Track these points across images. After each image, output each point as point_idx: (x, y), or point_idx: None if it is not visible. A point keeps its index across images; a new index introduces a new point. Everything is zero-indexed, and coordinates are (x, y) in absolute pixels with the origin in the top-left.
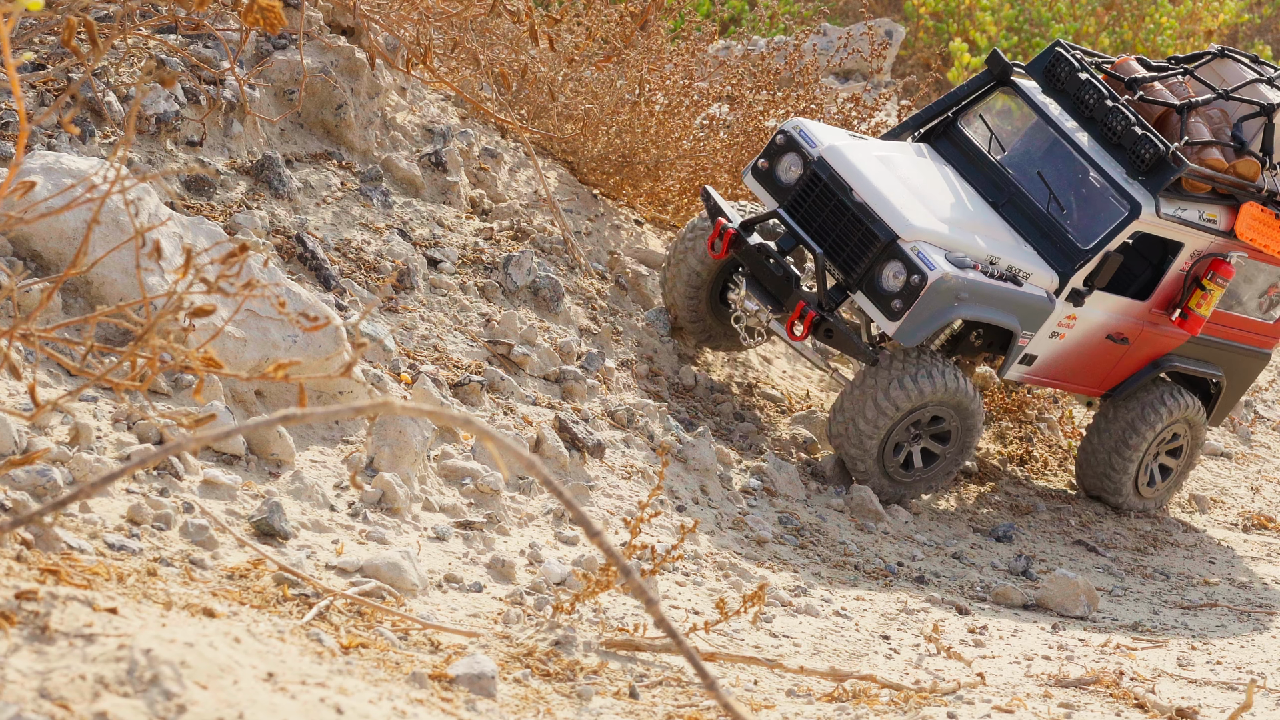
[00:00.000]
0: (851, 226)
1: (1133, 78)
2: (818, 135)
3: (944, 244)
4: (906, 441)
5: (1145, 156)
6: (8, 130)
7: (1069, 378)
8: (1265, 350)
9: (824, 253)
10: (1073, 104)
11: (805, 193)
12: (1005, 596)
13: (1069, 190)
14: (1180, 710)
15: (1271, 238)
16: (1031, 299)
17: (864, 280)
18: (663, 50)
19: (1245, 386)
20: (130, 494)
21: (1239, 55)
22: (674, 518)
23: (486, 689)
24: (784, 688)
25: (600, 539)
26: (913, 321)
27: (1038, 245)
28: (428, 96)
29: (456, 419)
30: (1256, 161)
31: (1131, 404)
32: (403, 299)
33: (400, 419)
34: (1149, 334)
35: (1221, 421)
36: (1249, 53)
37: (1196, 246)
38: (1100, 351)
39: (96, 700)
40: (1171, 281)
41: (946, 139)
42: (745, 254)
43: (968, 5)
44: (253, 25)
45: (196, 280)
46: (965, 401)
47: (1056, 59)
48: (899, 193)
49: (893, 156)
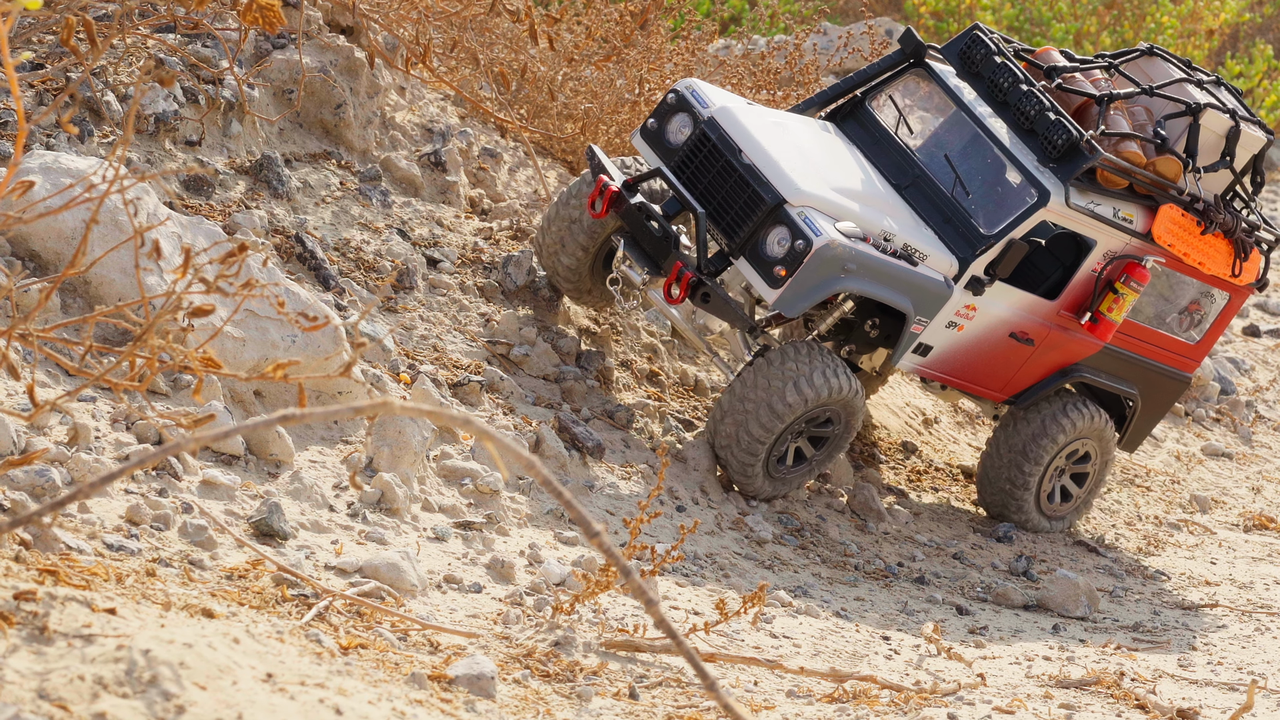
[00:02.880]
0: (737, 189)
1: (1052, 66)
2: (710, 96)
3: (834, 212)
4: (790, 438)
5: (1057, 143)
6: (6, 130)
7: (968, 376)
8: (1185, 374)
9: (707, 215)
10: (987, 88)
11: (693, 153)
12: (1006, 597)
13: (977, 175)
14: (1181, 711)
15: (1191, 245)
16: (927, 281)
17: (747, 246)
18: (663, 50)
19: (1163, 411)
20: (129, 494)
21: (1169, 56)
22: (674, 518)
23: (486, 690)
24: (784, 688)
25: (600, 539)
26: (795, 290)
27: (940, 229)
28: (427, 96)
29: (456, 419)
30: (1178, 161)
31: (1036, 414)
32: (402, 299)
33: (399, 419)
34: (1057, 337)
35: (1135, 448)
36: (1182, 56)
37: (1110, 246)
38: (1003, 350)
39: (95, 701)
40: (1082, 282)
41: (854, 119)
42: (626, 214)
43: (968, 5)
44: (252, 24)
45: (195, 280)
46: (855, 403)
47: (973, 41)
48: (790, 157)
49: (789, 124)
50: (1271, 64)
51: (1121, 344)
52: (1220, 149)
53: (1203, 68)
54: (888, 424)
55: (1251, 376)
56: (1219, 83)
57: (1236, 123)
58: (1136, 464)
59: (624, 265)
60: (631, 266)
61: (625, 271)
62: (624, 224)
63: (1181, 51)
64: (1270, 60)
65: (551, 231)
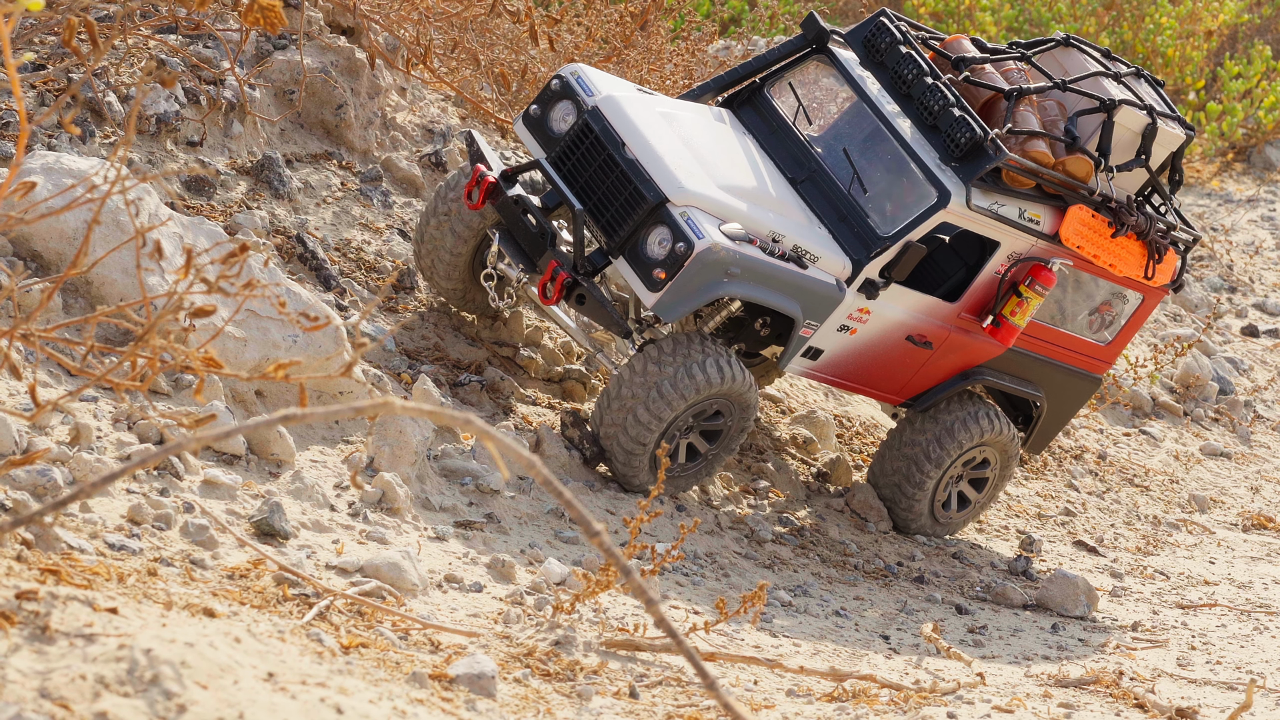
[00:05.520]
0: (619, 185)
1: (961, 57)
2: (597, 84)
3: (719, 213)
4: (679, 433)
5: (960, 141)
6: (8, 130)
7: (862, 379)
8: (1095, 375)
9: (585, 211)
10: (891, 79)
11: (574, 144)
12: (1005, 596)
13: (876, 172)
14: (1180, 710)
15: (1101, 246)
16: (817, 285)
17: (626, 245)
18: (663, 50)
19: (1071, 412)
20: (130, 494)
21: (1087, 46)
22: (674, 517)
23: (486, 689)
24: (784, 687)
25: (600, 538)
26: (674, 295)
27: (834, 228)
28: (428, 96)
29: (457, 419)
30: (1089, 161)
31: (939, 418)
32: (403, 299)
33: (400, 419)
34: (957, 340)
35: (1041, 449)
36: (1100, 45)
37: (1015, 248)
38: (899, 354)
39: (97, 700)
40: (985, 284)
41: (751, 107)
42: (501, 206)
43: (967, 5)
44: (253, 25)
45: (197, 280)
46: (748, 397)
47: (878, 29)
48: (676, 153)
49: (680, 115)
50: (1270, 65)
51: (1027, 345)
52: (1136, 147)
53: (1122, 58)
54: (887, 424)
55: (1250, 376)
56: (1139, 74)
57: (1153, 119)
58: (1136, 464)
59: (500, 261)
60: (508, 263)
61: (502, 268)
62: (500, 217)
63: (1180, 52)
64: (1269, 61)
65: (429, 227)
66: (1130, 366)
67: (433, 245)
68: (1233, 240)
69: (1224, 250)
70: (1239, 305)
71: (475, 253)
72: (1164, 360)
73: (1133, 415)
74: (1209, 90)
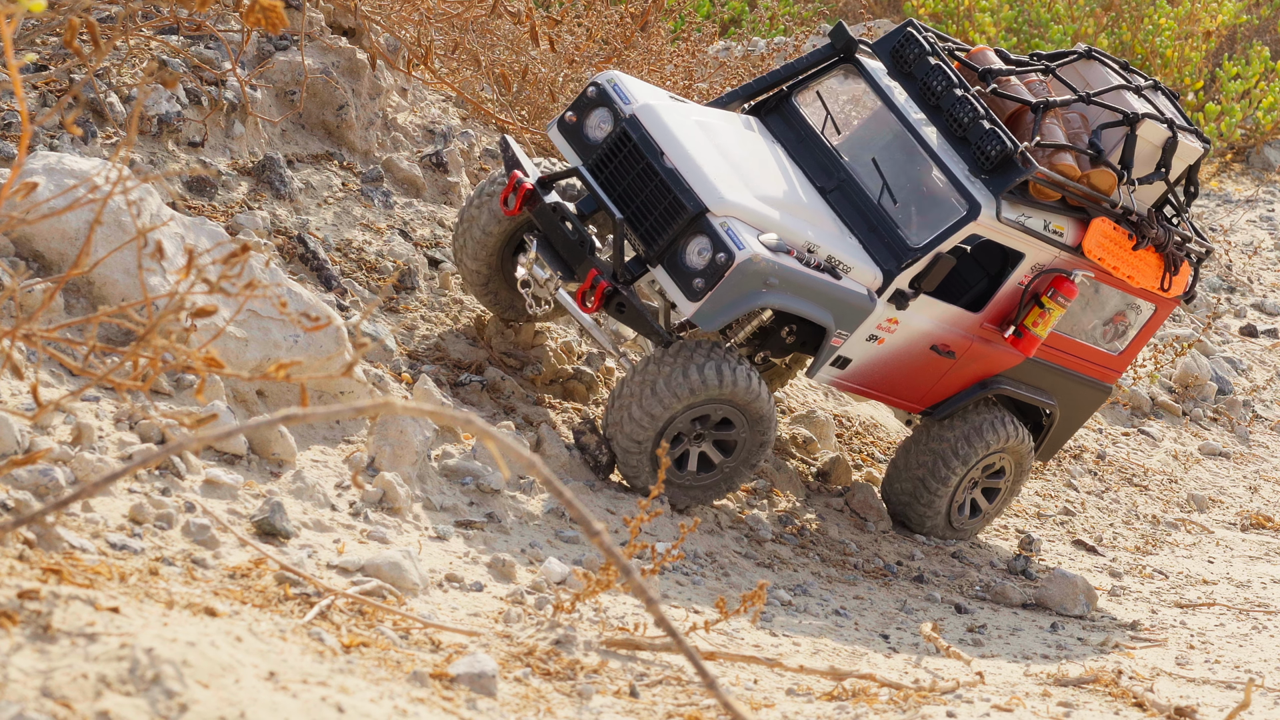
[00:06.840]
0: (658, 194)
1: (987, 69)
2: (633, 92)
3: (758, 223)
4: (688, 439)
5: (991, 154)
6: (10, 131)
7: (886, 388)
8: (1106, 384)
9: (625, 219)
10: (919, 90)
11: (612, 153)
12: (1004, 595)
13: (905, 183)
14: (1179, 709)
15: (1121, 259)
16: (850, 295)
17: (666, 254)
18: (663, 51)
19: (1082, 420)
20: (132, 493)
21: (1108, 59)
22: (674, 517)
23: (487, 688)
24: (784, 687)
25: (600, 538)
26: (714, 304)
27: (864, 239)
28: (429, 97)
29: (457, 419)
30: (1113, 174)
31: (955, 426)
32: (404, 299)
33: (401, 419)
34: (979, 350)
35: (1051, 457)
36: (1120, 58)
37: (1039, 259)
38: (923, 363)
39: (99, 699)
40: (1008, 295)
41: (779, 114)
42: (539, 213)
43: (967, 6)
44: (254, 26)
45: (198, 280)
46: (757, 406)
47: (906, 39)
48: (714, 163)
49: (714, 124)
50: (1268, 65)
51: (1043, 355)
52: (1156, 160)
53: (1141, 71)
54: (886, 424)
55: (1249, 376)
56: (1157, 87)
57: (1174, 133)
58: (1135, 463)
59: (535, 267)
60: (543, 268)
61: (535, 273)
62: (537, 223)
63: (1179, 53)
64: (1267, 62)
65: (470, 206)
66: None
67: (468, 224)
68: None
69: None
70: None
71: (507, 240)
72: (1163, 360)
73: (1132, 415)
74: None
